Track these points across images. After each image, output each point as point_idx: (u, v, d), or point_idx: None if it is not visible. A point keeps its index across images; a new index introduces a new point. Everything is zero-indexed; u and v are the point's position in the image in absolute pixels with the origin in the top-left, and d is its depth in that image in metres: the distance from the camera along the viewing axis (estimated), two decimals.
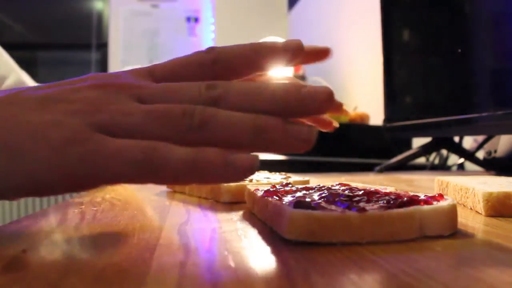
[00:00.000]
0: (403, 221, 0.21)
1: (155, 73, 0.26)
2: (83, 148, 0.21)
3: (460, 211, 0.33)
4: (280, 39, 2.19)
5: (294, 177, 0.44)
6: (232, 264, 0.18)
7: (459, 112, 0.76)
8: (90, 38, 3.01)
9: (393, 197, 0.25)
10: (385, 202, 0.24)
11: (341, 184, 0.32)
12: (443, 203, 0.24)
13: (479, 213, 0.31)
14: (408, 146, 1.20)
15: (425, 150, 0.94)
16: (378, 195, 0.26)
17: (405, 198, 0.24)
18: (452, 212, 0.23)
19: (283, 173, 0.49)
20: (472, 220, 0.29)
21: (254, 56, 0.26)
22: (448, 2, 0.87)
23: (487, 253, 0.20)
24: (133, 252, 0.21)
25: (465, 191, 0.34)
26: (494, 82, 0.73)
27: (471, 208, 0.33)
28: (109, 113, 0.22)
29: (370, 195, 0.25)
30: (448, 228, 0.23)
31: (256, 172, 0.34)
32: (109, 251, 0.21)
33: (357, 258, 0.19)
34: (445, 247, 0.21)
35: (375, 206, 0.23)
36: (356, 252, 0.20)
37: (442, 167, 1.05)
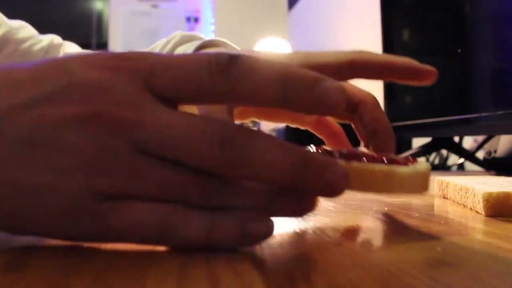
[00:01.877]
0: (385, 175, 0.22)
1: (154, 85, 0.20)
2: (87, 221, 0.19)
3: (460, 211, 0.33)
4: (280, 39, 2.17)
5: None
6: (232, 264, 0.18)
7: (459, 112, 0.76)
8: (90, 38, 3.02)
9: (374, 156, 0.26)
10: (365, 159, 0.24)
11: (318, 147, 0.31)
12: (420, 165, 0.25)
13: (479, 213, 0.31)
14: (408, 146, 1.20)
15: (425, 150, 0.94)
16: (360, 154, 0.26)
17: (385, 158, 0.25)
18: (426, 174, 0.25)
19: None
20: (472, 220, 0.29)
21: (279, 95, 0.20)
22: (448, 2, 0.87)
23: (487, 253, 0.20)
24: (133, 252, 0.21)
25: (465, 191, 0.34)
26: (494, 82, 0.73)
27: (471, 208, 0.33)
28: (109, 177, 0.19)
29: (352, 153, 0.26)
30: (422, 187, 0.25)
31: None
32: (109, 251, 0.21)
33: (357, 258, 0.19)
34: (445, 247, 0.21)
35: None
36: (356, 252, 0.20)
37: (442, 167, 1.05)
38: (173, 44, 0.48)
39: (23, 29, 0.71)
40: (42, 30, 0.74)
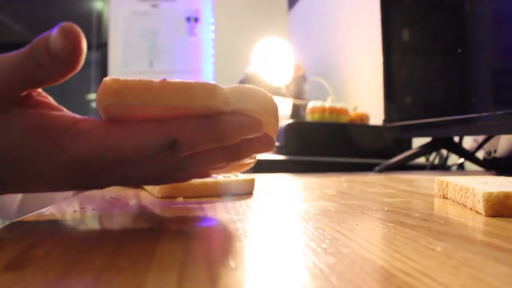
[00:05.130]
0: (199, 86, 0.24)
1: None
2: None
3: (460, 211, 0.33)
4: (280, 39, 2.17)
5: (242, 176, 0.47)
6: (232, 264, 0.18)
7: (459, 112, 0.76)
8: (90, 38, 3.01)
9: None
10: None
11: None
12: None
13: (479, 213, 0.31)
14: (408, 146, 1.20)
15: (425, 150, 0.94)
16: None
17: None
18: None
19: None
20: (472, 220, 0.29)
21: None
22: (448, 2, 0.87)
23: (487, 253, 0.20)
24: (133, 252, 0.21)
25: (465, 191, 0.34)
26: (494, 82, 0.73)
27: (471, 208, 0.33)
28: None
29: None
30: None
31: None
32: (109, 251, 0.21)
33: (357, 258, 0.19)
34: (445, 247, 0.21)
35: None
36: (356, 252, 0.20)
37: (442, 167, 1.05)
38: None
39: None
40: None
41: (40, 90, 0.27)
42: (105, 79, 0.24)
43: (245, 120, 0.25)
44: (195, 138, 0.24)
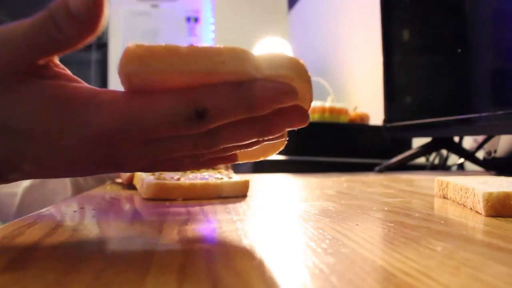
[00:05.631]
0: (229, 51, 0.23)
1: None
2: None
3: (460, 211, 0.33)
4: (280, 39, 2.17)
5: (236, 176, 0.46)
6: (232, 264, 0.18)
7: (459, 112, 0.76)
8: None
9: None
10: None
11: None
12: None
13: (479, 213, 0.31)
14: (408, 146, 1.20)
15: (425, 150, 0.94)
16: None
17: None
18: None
19: (227, 172, 0.49)
20: (472, 220, 0.29)
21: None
22: (448, 2, 0.87)
23: (487, 253, 0.20)
24: (133, 252, 0.21)
25: (465, 191, 0.34)
26: (494, 82, 0.73)
27: (471, 208, 0.33)
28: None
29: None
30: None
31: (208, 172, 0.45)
32: (109, 251, 0.21)
33: (357, 258, 0.19)
34: (445, 247, 0.21)
35: None
36: (356, 252, 0.20)
37: (442, 167, 1.05)
38: None
39: None
40: None
41: (58, 61, 0.26)
42: (128, 44, 0.22)
43: (279, 86, 0.23)
44: (225, 106, 0.22)
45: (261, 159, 0.32)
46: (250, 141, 0.25)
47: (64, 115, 0.23)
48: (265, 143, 0.27)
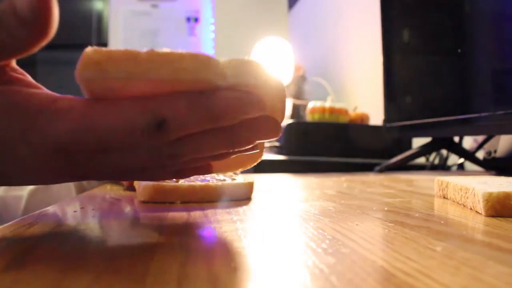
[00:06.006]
0: (191, 57, 0.21)
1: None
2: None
3: (460, 211, 0.33)
4: (280, 39, 2.17)
5: (240, 177, 0.44)
6: (232, 264, 0.18)
7: (459, 112, 0.76)
8: (90, 38, 3.01)
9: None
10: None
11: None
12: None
13: (479, 213, 0.31)
14: (408, 146, 1.20)
15: (425, 150, 0.94)
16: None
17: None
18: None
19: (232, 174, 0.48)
20: (472, 220, 0.29)
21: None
22: (448, 2, 0.87)
23: (487, 253, 0.20)
24: (133, 252, 0.21)
25: (465, 191, 0.34)
26: (494, 82, 0.73)
27: (471, 208, 0.33)
28: None
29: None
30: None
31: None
32: (109, 251, 0.21)
33: (357, 258, 0.19)
34: (445, 247, 0.21)
35: None
36: (356, 252, 0.20)
37: (442, 167, 1.05)
38: None
39: None
40: None
41: (16, 66, 0.25)
42: (86, 49, 0.21)
43: (244, 96, 0.22)
44: (185, 116, 0.21)
45: (239, 170, 0.32)
46: (219, 152, 0.24)
47: (18, 122, 0.22)
48: (239, 154, 0.26)
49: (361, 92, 1.75)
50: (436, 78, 0.89)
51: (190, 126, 0.22)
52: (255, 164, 0.30)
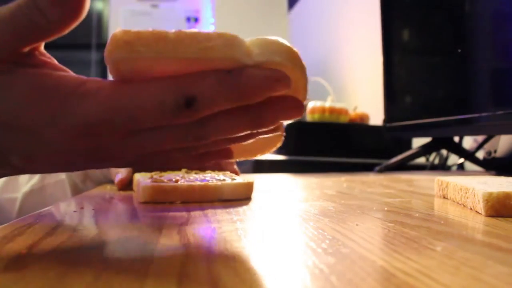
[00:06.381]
0: (218, 36, 0.22)
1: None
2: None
3: (460, 211, 0.33)
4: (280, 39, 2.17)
5: (239, 178, 0.43)
6: (232, 264, 0.18)
7: (459, 112, 0.76)
8: (90, 38, 3.01)
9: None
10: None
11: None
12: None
13: (479, 213, 0.31)
14: (408, 146, 1.20)
15: (425, 150, 0.94)
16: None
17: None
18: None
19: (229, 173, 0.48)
20: (472, 220, 0.29)
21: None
22: (448, 2, 0.87)
23: (487, 253, 0.20)
24: (133, 252, 0.21)
25: (465, 191, 0.34)
26: (494, 82, 0.73)
27: (471, 208, 0.33)
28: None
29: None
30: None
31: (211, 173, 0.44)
32: (109, 251, 0.21)
33: (357, 258, 0.19)
34: (445, 247, 0.21)
35: None
36: (356, 252, 0.20)
37: (442, 167, 1.05)
38: None
39: None
40: None
41: (43, 50, 0.25)
42: (115, 31, 0.21)
43: (270, 73, 0.22)
44: (214, 94, 0.21)
45: (258, 156, 0.31)
46: (243, 133, 0.24)
47: (48, 105, 0.22)
48: (260, 136, 0.26)
49: (361, 92, 1.75)
50: (436, 78, 0.89)
51: (219, 103, 0.22)
52: (275, 148, 0.30)
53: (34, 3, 0.21)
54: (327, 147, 1.20)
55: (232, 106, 0.22)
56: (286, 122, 0.26)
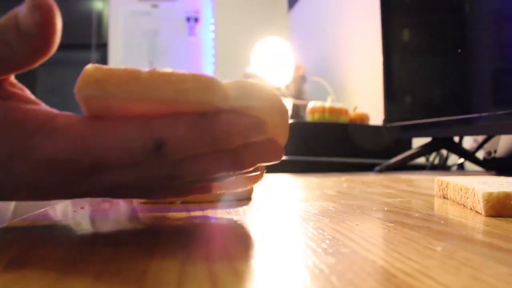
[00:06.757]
0: (193, 78, 0.21)
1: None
2: None
3: (460, 211, 0.33)
4: (280, 39, 2.17)
5: None
6: (232, 264, 0.18)
7: (459, 112, 0.76)
8: (90, 38, 3.01)
9: None
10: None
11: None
12: None
13: (479, 213, 0.31)
14: (408, 146, 1.20)
15: (425, 150, 0.94)
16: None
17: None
18: None
19: None
20: (472, 220, 0.29)
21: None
22: (448, 2, 0.87)
23: (487, 253, 0.20)
24: (133, 252, 0.21)
25: (465, 191, 0.34)
26: (494, 82, 0.73)
27: (471, 208, 0.33)
28: None
29: None
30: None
31: None
32: (109, 251, 0.21)
33: (357, 258, 0.19)
34: (445, 247, 0.21)
35: None
36: (356, 252, 0.20)
37: (442, 167, 1.05)
38: None
39: None
40: None
41: (14, 80, 0.24)
42: (87, 66, 0.21)
43: (246, 119, 0.21)
44: (185, 139, 0.21)
45: (239, 190, 0.30)
46: (219, 175, 0.24)
47: (14, 139, 0.21)
48: (239, 176, 0.26)
49: (361, 92, 1.75)
50: (436, 78, 0.89)
51: (190, 149, 0.21)
52: (257, 183, 0.29)
53: (2, 37, 0.21)
54: (327, 147, 1.20)
55: (205, 151, 0.22)
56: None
